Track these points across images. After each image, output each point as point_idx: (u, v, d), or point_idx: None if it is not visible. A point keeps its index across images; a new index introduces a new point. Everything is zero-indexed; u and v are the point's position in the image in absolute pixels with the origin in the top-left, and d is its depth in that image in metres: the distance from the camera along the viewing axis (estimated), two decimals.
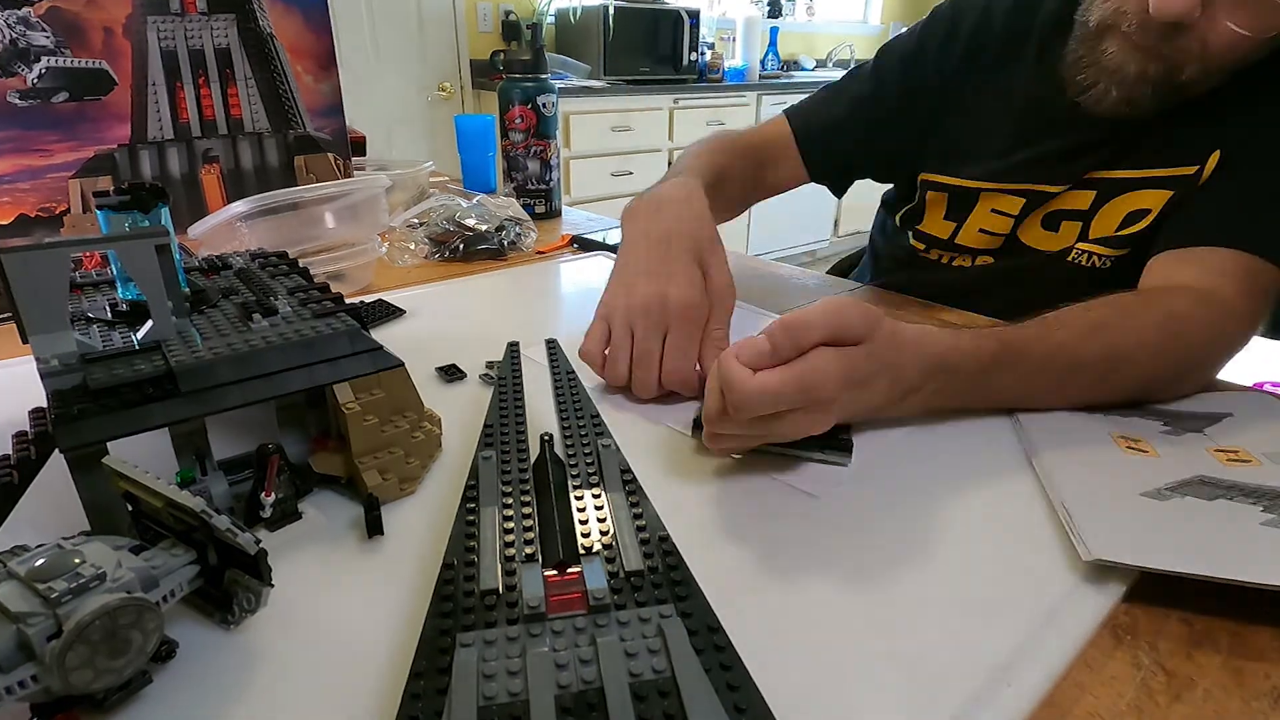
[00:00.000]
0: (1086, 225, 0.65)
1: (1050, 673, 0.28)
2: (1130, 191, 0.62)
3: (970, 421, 0.47)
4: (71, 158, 0.71)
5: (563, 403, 0.44)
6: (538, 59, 0.96)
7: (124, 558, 0.26)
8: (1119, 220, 0.62)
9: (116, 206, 0.40)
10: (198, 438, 0.35)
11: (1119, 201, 0.62)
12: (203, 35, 0.76)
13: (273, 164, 0.83)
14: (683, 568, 0.30)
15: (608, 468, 0.37)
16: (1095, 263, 0.64)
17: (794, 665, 0.28)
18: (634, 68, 2.98)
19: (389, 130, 2.90)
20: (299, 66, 0.82)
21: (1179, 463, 0.41)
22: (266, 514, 0.35)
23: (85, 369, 0.33)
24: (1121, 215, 0.62)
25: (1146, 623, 0.31)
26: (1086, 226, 0.65)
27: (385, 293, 0.71)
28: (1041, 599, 0.32)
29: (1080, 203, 0.65)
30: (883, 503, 0.39)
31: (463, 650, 0.25)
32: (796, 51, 4.07)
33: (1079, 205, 0.65)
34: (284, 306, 0.41)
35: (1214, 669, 0.29)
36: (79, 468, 0.29)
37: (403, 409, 0.39)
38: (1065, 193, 0.65)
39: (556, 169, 1.02)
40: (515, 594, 0.28)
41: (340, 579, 0.33)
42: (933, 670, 0.28)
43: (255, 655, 0.29)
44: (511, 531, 0.32)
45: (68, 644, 0.22)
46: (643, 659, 0.25)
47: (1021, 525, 0.37)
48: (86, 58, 0.70)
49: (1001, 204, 0.68)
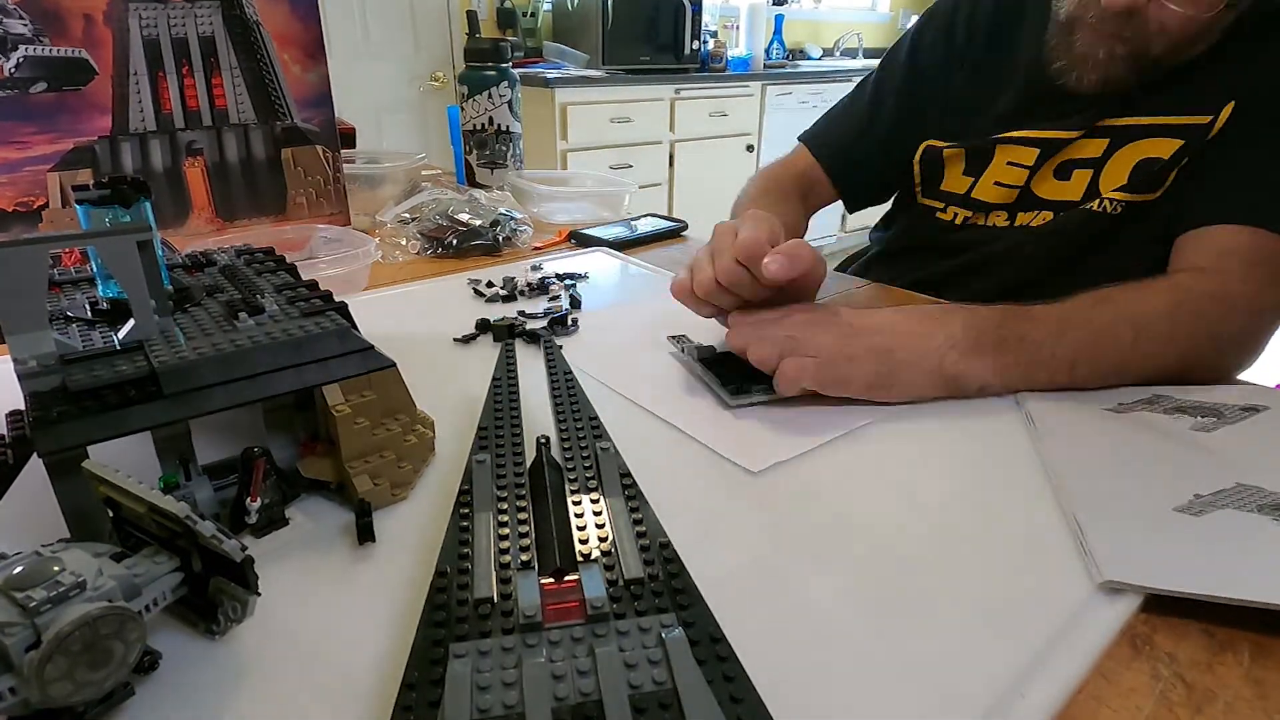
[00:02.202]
0: (1098, 174, 0.67)
1: (1065, 685, 0.28)
2: (1142, 139, 0.64)
3: (982, 423, 0.47)
4: (50, 150, 0.71)
5: (560, 404, 0.44)
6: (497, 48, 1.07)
7: (105, 565, 0.26)
8: (1129, 169, 0.65)
9: (97, 201, 0.40)
10: (181, 441, 0.35)
11: (1130, 149, 0.65)
12: (186, 23, 0.76)
13: (259, 156, 0.83)
14: (684, 575, 0.30)
15: (606, 472, 0.37)
16: (1107, 207, 0.66)
17: (800, 677, 0.28)
18: (634, 57, 2.98)
19: (379, 121, 2.90)
20: (286, 55, 0.82)
21: (1211, 466, 0.41)
22: (253, 520, 0.35)
23: (64, 370, 0.33)
24: (1132, 164, 0.64)
25: (1165, 633, 0.31)
26: (1097, 175, 0.67)
27: (376, 290, 0.71)
28: (1056, 607, 0.32)
29: (1093, 150, 0.67)
30: (891, 507, 0.39)
31: (456, 661, 0.25)
32: (802, 40, 4.07)
33: (1091, 153, 0.67)
34: (271, 305, 0.41)
35: (1236, 681, 0.29)
36: (58, 472, 0.29)
37: (395, 411, 0.39)
38: (1078, 140, 0.67)
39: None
40: (510, 603, 0.28)
41: (330, 587, 0.33)
42: (943, 682, 0.28)
43: (241, 667, 0.29)
44: (507, 538, 0.32)
45: (46, 655, 0.22)
46: (643, 670, 0.25)
47: (1035, 529, 0.37)
48: (66, 46, 0.70)
49: (1017, 155, 0.71)
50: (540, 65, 2.96)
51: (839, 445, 0.45)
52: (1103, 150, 0.66)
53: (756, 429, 0.47)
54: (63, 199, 0.72)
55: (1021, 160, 0.71)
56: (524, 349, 0.58)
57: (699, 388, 0.52)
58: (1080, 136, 0.67)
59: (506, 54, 1.08)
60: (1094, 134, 0.67)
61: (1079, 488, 0.39)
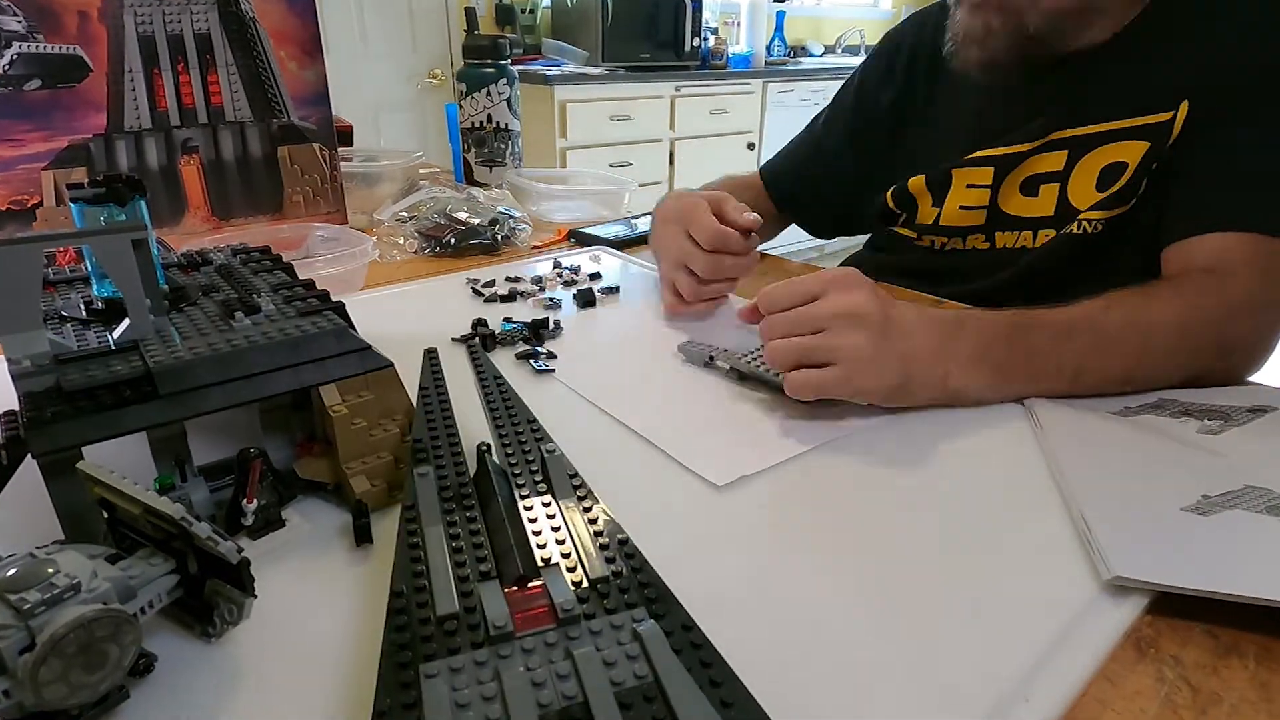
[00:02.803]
0: (1064, 186, 0.67)
1: (1069, 687, 0.28)
2: (1102, 146, 0.64)
3: (985, 422, 0.47)
4: (44, 148, 0.71)
5: (495, 409, 0.44)
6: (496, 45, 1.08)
7: (100, 567, 0.26)
8: (1095, 177, 0.64)
9: (91, 199, 0.40)
10: (177, 442, 0.35)
11: (1092, 158, 0.65)
12: (182, 19, 0.76)
13: (255, 155, 0.83)
14: (648, 569, 0.30)
15: (554, 474, 0.37)
16: (1087, 228, 0.65)
17: (797, 678, 0.28)
18: (634, 54, 2.98)
19: (377, 119, 2.90)
20: (283, 52, 0.82)
21: (1219, 468, 0.41)
22: (249, 521, 0.35)
23: (59, 370, 0.33)
24: (1097, 171, 0.64)
25: (1170, 635, 0.31)
26: (1065, 187, 0.67)
27: (373, 290, 0.71)
28: (1060, 609, 0.32)
29: (1054, 164, 0.67)
30: (890, 504, 0.39)
31: (429, 681, 0.25)
32: (804, 37, 4.07)
33: (1053, 167, 0.67)
34: (267, 304, 0.41)
35: (1241, 683, 0.29)
36: (52, 473, 0.29)
37: (392, 412, 0.39)
38: (1036, 155, 0.68)
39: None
40: (476, 616, 0.28)
41: (326, 590, 0.33)
42: (945, 684, 0.28)
43: (237, 670, 0.29)
44: (461, 550, 0.31)
45: (41, 658, 0.22)
46: (623, 666, 0.25)
47: (1039, 529, 0.37)
48: (60, 43, 0.70)
49: (973, 176, 0.72)
50: (539, 62, 2.96)
51: (838, 445, 0.45)
52: (1064, 162, 0.66)
53: (761, 423, 0.47)
54: (57, 197, 0.72)
55: (979, 180, 0.71)
56: (502, 356, 0.57)
57: (697, 394, 0.52)
58: (1035, 150, 0.67)
59: (505, 51, 1.09)
60: (1050, 147, 0.67)
61: (1085, 486, 0.39)
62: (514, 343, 0.59)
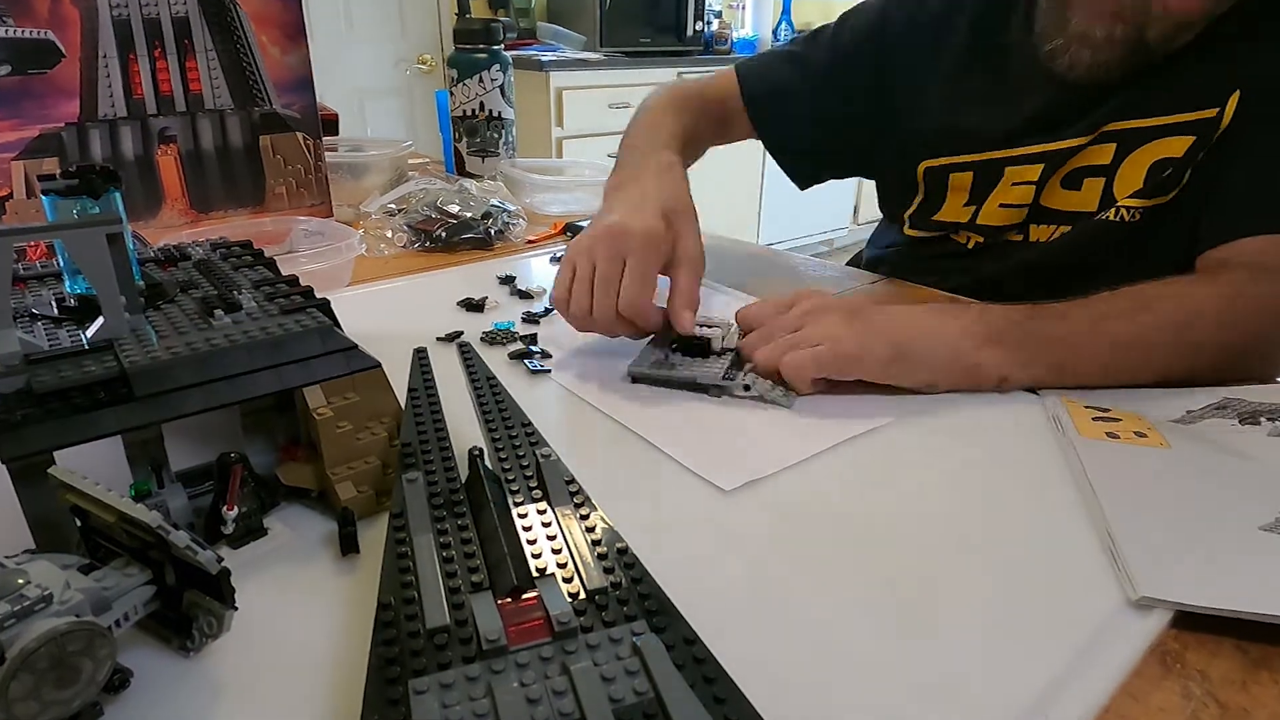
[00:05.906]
0: (1110, 180, 0.66)
1: (1090, 705, 0.28)
2: (1153, 141, 0.64)
3: (1003, 427, 0.47)
4: (14, 137, 0.71)
5: (488, 412, 0.44)
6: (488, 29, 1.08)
7: (72, 578, 0.26)
8: (1144, 172, 0.64)
9: (64, 191, 0.40)
10: (153, 446, 0.35)
11: (1142, 153, 0.65)
12: (159, 2, 0.76)
13: (236, 144, 0.83)
14: (648, 580, 0.30)
15: (550, 479, 0.36)
16: (1124, 215, 0.65)
17: (806, 695, 0.28)
18: (633, 38, 2.98)
19: (363, 107, 2.90)
20: (264, 37, 0.82)
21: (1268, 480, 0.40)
22: (229, 530, 0.35)
23: (29, 370, 0.33)
24: (1146, 167, 0.64)
25: (1197, 649, 0.31)
26: (1110, 182, 0.67)
27: (360, 286, 0.71)
28: (1081, 622, 0.32)
29: (1102, 157, 0.67)
30: (902, 512, 0.39)
31: (418, 698, 0.25)
32: (812, 19, 4.06)
33: (1100, 160, 0.67)
34: (248, 301, 0.41)
35: (1271, 700, 0.29)
36: (22, 479, 0.29)
37: (380, 414, 0.39)
38: (1085, 148, 0.67)
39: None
40: (468, 629, 0.28)
41: (310, 601, 0.33)
42: (962, 701, 0.28)
43: (217, 685, 0.29)
44: (452, 560, 0.31)
45: (10, 673, 0.22)
46: (621, 682, 0.25)
47: (1061, 539, 0.37)
48: (30, 27, 0.70)
49: (1022, 174, 0.70)
50: (534, 47, 2.96)
51: (849, 449, 0.45)
52: (1111, 156, 0.66)
53: (769, 425, 0.47)
54: (28, 189, 0.72)
55: (1027, 178, 0.70)
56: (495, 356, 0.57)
57: (701, 395, 0.52)
58: (1087, 144, 0.67)
59: (498, 35, 1.09)
60: (1100, 140, 0.66)
61: (1114, 501, 0.39)
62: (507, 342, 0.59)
